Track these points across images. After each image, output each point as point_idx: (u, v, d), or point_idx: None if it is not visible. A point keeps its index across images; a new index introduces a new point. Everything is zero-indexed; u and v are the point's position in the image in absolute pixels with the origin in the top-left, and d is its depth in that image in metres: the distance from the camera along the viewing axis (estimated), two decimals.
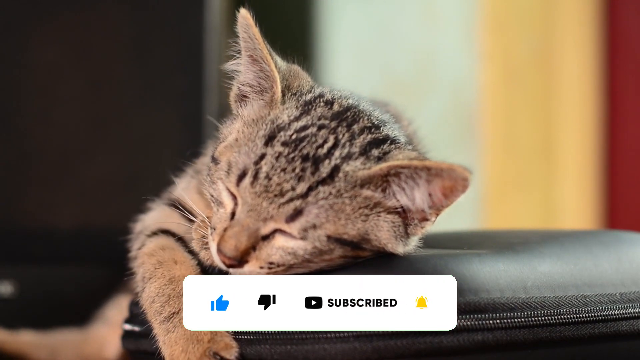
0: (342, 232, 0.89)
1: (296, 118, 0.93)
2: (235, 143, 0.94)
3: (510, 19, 2.36)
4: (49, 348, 1.42)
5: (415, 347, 0.88)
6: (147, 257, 1.00)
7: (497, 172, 2.32)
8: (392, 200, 0.91)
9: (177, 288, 0.95)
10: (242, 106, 0.99)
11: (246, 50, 0.97)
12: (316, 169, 0.89)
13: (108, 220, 1.12)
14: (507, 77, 2.34)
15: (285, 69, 0.99)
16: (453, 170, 0.89)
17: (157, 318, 0.94)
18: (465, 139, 2.33)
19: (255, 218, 0.89)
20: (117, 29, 1.68)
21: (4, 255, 1.63)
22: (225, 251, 0.89)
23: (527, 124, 2.38)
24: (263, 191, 0.89)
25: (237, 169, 0.91)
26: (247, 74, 0.99)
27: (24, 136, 1.66)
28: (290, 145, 0.90)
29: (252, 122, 0.95)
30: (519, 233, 1.17)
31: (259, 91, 0.98)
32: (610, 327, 0.96)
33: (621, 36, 2.49)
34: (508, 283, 0.93)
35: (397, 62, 2.39)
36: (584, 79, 2.45)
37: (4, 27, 1.65)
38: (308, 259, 0.90)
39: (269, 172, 0.89)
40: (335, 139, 0.92)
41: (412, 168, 0.89)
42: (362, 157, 0.91)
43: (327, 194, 0.89)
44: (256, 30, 0.96)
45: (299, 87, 0.98)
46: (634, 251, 1.06)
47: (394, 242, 0.92)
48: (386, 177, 0.90)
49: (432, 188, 0.90)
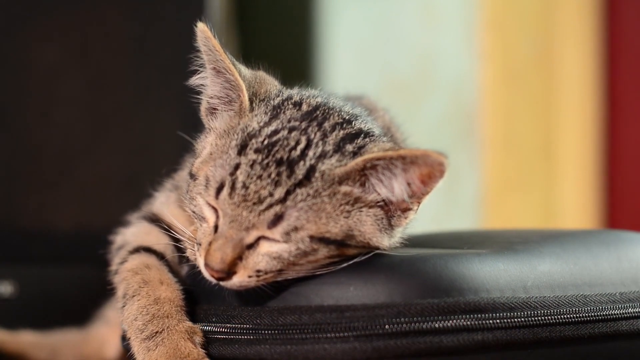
0: (324, 231, 0.89)
1: (266, 123, 0.93)
2: (210, 157, 0.94)
3: (510, 19, 2.36)
4: (49, 348, 1.42)
5: (415, 347, 0.88)
6: (130, 274, 1.00)
7: (497, 172, 2.32)
8: (373, 194, 0.91)
9: (162, 309, 0.95)
10: (213, 119, 0.99)
11: (209, 63, 0.97)
12: (292, 172, 0.89)
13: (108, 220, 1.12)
14: (507, 77, 2.34)
15: (250, 76, 0.99)
16: (428, 156, 0.88)
17: (138, 336, 0.94)
18: (465, 139, 2.33)
19: (237, 228, 0.89)
20: (117, 29, 1.69)
21: (4, 255, 1.63)
22: (212, 265, 0.89)
23: (527, 124, 2.38)
24: (242, 201, 0.89)
25: (214, 182, 0.91)
26: (213, 87, 0.99)
27: (24, 136, 1.66)
28: (263, 152, 0.90)
29: (224, 134, 0.95)
30: (519, 233, 1.17)
31: (227, 102, 0.98)
32: (610, 326, 0.96)
33: (621, 36, 2.49)
34: (508, 283, 0.93)
35: (397, 62, 2.39)
36: (584, 79, 2.45)
37: (4, 27, 1.65)
38: (293, 262, 0.90)
39: (245, 181, 0.89)
40: (307, 139, 0.91)
41: (387, 159, 0.89)
42: (337, 154, 0.91)
43: (306, 195, 0.89)
44: (216, 42, 0.95)
45: (267, 93, 0.98)
46: (633, 251, 1.06)
47: (379, 236, 0.92)
48: (363, 171, 0.90)
49: (410, 176, 0.90)
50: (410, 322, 0.88)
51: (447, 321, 0.88)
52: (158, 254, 1.03)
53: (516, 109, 2.36)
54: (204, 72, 0.99)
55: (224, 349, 0.93)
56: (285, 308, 0.91)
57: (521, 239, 1.04)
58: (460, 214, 2.31)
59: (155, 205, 1.09)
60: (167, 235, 1.02)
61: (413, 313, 0.88)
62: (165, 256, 1.02)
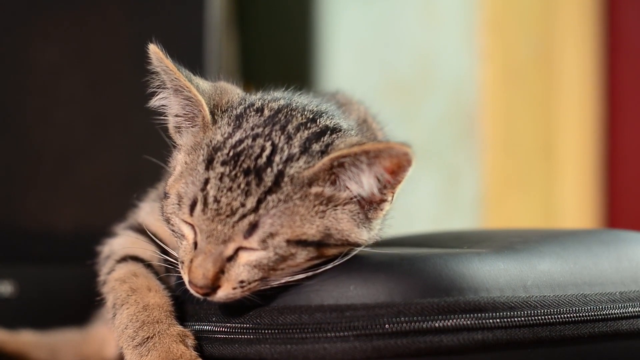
0: (300, 234, 0.89)
1: (230, 134, 0.93)
2: (180, 174, 0.94)
3: (510, 19, 2.36)
4: (49, 348, 1.42)
5: (415, 346, 0.88)
6: (118, 284, 1.00)
7: (497, 172, 2.32)
8: (345, 191, 0.91)
9: (152, 315, 0.96)
10: (180, 137, 0.99)
11: (165, 83, 0.97)
12: (260, 180, 0.89)
13: (108, 220, 1.12)
14: (507, 77, 2.34)
15: (210, 89, 0.99)
16: (391, 148, 0.88)
17: (129, 343, 0.94)
18: (465, 139, 2.33)
19: (215, 243, 0.89)
20: (117, 29, 1.69)
21: (4, 255, 1.63)
22: (195, 282, 0.90)
23: (527, 124, 2.38)
24: (215, 215, 0.89)
25: (187, 200, 0.91)
26: (174, 106, 0.98)
27: (24, 136, 1.66)
28: (230, 163, 0.90)
29: (192, 150, 0.95)
30: (519, 232, 1.17)
31: (190, 118, 0.98)
32: (610, 326, 0.96)
33: (621, 36, 2.49)
34: (508, 282, 0.93)
35: (397, 62, 2.39)
36: (584, 79, 2.45)
37: (4, 27, 1.65)
38: (273, 268, 0.90)
39: (216, 195, 0.89)
40: (272, 144, 0.91)
41: (352, 155, 0.89)
42: (304, 155, 0.91)
43: (277, 201, 0.89)
44: (169, 62, 0.95)
45: (229, 103, 0.98)
46: (633, 250, 1.06)
47: (357, 231, 0.92)
48: (331, 170, 0.90)
49: (377, 169, 0.90)
50: (410, 321, 0.88)
51: (447, 320, 0.88)
52: (145, 262, 1.03)
53: (516, 109, 2.36)
54: (162, 93, 0.98)
55: (224, 349, 0.93)
56: (286, 307, 0.91)
57: (521, 239, 1.04)
58: (460, 214, 2.31)
59: (140, 215, 1.09)
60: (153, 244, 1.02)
61: (413, 312, 0.88)
62: (153, 264, 1.03)
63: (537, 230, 1.19)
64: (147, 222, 1.06)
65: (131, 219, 1.11)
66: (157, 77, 0.97)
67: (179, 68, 0.96)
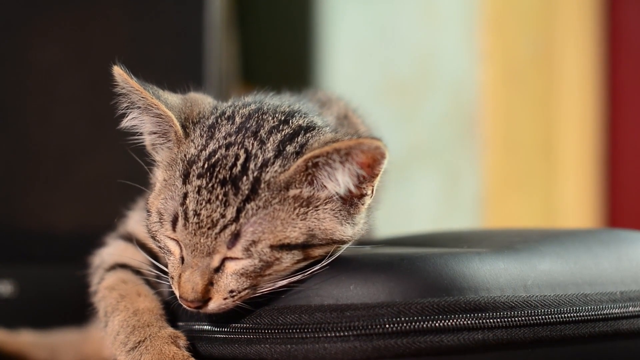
0: (283, 238, 0.89)
1: (203, 146, 0.93)
2: (160, 191, 0.94)
3: (510, 19, 2.36)
4: (48, 348, 1.42)
5: (415, 346, 0.88)
6: (107, 291, 1.01)
7: (497, 172, 2.32)
8: (324, 190, 0.91)
9: (142, 319, 0.96)
10: (157, 153, 0.99)
11: (134, 103, 0.97)
12: (237, 189, 0.89)
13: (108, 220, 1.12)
14: (507, 77, 2.34)
15: (179, 102, 0.98)
16: (361, 143, 0.88)
17: (122, 349, 0.95)
18: (465, 139, 2.33)
19: (200, 256, 0.89)
20: (117, 29, 1.68)
21: (4, 255, 1.63)
22: (185, 297, 0.90)
23: (527, 123, 2.38)
24: (197, 228, 0.89)
25: (168, 216, 0.91)
26: (146, 124, 0.98)
27: (24, 136, 1.66)
28: (206, 175, 0.90)
29: (169, 166, 0.95)
30: (519, 232, 1.17)
31: (163, 134, 0.97)
32: (611, 325, 0.96)
33: (621, 35, 2.50)
34: (508, 282, 0.93)
35: (397, 62, 2.39)
36: (584, 79, 2.45)
37: (4, 27, 1.65)
38: (261, 274, 0.90)
39: (195, 209, 0.89)
40: (245, 152, 0.91)
41: (324, 155, 0.89)
42: (279, 158, 0.91)
43: (256, 208, 0.88)
44: (134, 82, 0.95)
45: (200, 114, 0.97)
46: (634, 250, 1.06)
47: (341, 229, 0.92)
48: (307, 171, 0.90)
49: (351, 166, 0.89)
50: (410, 321, 0.88)
51: (448, 320, 0.88)
52: (134, 269, 1.03)
53: (516, 109, 2.37)
54: (133, 113, 0.98)
55: (223, 349, 0.93)
56: (285, 307, 0.91)
57: (521, 238, 1.04)
58: (460, 214, 2.31)
59: (129, 224, 1.09)
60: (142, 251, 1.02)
61: (413, 312, 0.88)
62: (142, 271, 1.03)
63: (537, 230, 1.19)
64: (136, 231, 1.06)
65: (121, 229, 1.11)
66: (125, 98, 0.97)
67: (145, 87, 0.95)
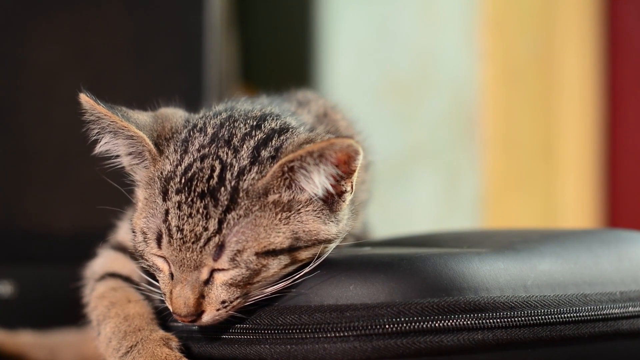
0: (267, 244, 0.89)
1: (179, 161, 0.93)
2: (142, 210, 0.94)
3: (510, 19, 2.36)
4: (48, 348, 1.42)
5: (415, 346, 0.88)
6: (98, 300, 1.01)
7: (497, 171, 2.32)
8: (303, 192, 0.91)
9: (133, 324, 0.96)
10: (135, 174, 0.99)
11: (104, 128, 0.96)
12: (216, 200, 0.89)
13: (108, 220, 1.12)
14: (507, 77, 2.34)
15: (150, 120, 0.98)
16: (333, 144, 0.88)
17: (115, 355, 0.95)
18: (465, 139, 2.33)
19: (188, 270, 0.89)
20: (117, 29, 1.69)
21: (4, 255, 1.63)
22: (178, 312, 0.90)
23: (528, 123, 2.38)
24: (182, 244, 0.89)
25: (152, 234, 0.91)
26: (120, 147, 0.98)
27: (23, 136, 1.66)
28: (184, 190, 0.90)
29: (147, 185, 0.95)
30: (519, 232, 1.17)
31: (138, 155, 0.97)
32: (611, 326, 0.96)
33: (621, 35, 2.49)
34: (508, 282, 0.93)
35: (397, 62, 2.39)
36: (584, 79, 2.45)
37: (4, 27, 1.65)
38: (249, 282, 0.89)
39: (178, 225, 0.89)
40: (220, 162, 0.91)
41: (298, 158, 0.89)
42: (255, 165, 0.90)
43: (238, 217, 0.88)
44: (101, 107, 0.95)
45: (172, 129, 0.97)
46: (634, 250, 1.06)
47: (325, 228, 0.92)
48: (284, 175, 0.90)
49: (326, 166, 0.89)
50: (410, 321, 0.88)
51: (447, 320, 0.88)
52: (124, 277, 1.04)
53: (516, 109, 2.37)
54: (105, 138, 0.97)
55: (223, 349, 0.93)
56: (285, 308, 0.91)
57: (521, 238, 1.04)
58: (461, 214, 2.31)
59: (119, 234, 1.09)
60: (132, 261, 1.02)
61: (413, 312, 0.88)
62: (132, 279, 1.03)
63: (537, 230, 1.19)
64: (126, 240, 1.05)
65: (111, 239, 1.11)
66: (96, 125, 0.97)
67: (113, 110, 0.95)
